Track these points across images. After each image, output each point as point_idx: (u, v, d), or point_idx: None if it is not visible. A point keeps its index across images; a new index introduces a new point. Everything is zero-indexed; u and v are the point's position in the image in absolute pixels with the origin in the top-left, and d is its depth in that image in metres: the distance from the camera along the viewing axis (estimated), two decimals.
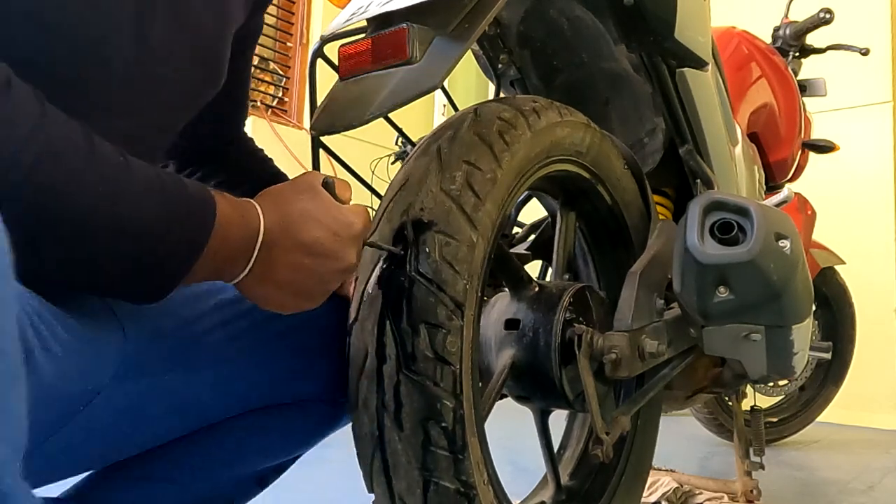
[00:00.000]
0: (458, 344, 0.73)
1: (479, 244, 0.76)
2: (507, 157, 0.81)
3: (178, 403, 0.73)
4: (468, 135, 0.79)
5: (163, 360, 0.70)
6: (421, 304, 0.72)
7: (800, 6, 2.33)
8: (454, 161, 0.77)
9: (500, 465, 0.86)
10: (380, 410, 0.73)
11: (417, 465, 0.72)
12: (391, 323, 0.72)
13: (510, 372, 0.94)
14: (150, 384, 0.69)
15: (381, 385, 0.73)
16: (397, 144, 3.71)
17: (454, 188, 0.76)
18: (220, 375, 0.75)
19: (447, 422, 0.72)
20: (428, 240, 0.73)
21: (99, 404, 0.62)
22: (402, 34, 0.77)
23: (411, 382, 0.71)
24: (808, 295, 1.04)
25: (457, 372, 0.72)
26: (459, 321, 0.73)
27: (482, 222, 0.77)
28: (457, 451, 0.73)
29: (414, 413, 0.72)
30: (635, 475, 1.14)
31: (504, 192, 0.82)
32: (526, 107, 0.87)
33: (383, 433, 0.73)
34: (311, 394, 0.82)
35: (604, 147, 1.05)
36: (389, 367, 0.72)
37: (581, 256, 1.20)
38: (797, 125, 2.07)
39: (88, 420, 0.62)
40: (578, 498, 1.10)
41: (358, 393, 0.75)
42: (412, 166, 0.79)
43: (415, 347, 0.71)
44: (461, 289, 0.73)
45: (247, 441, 0.80)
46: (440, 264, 0.73)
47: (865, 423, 3.02)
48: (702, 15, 1.23)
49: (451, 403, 0.72)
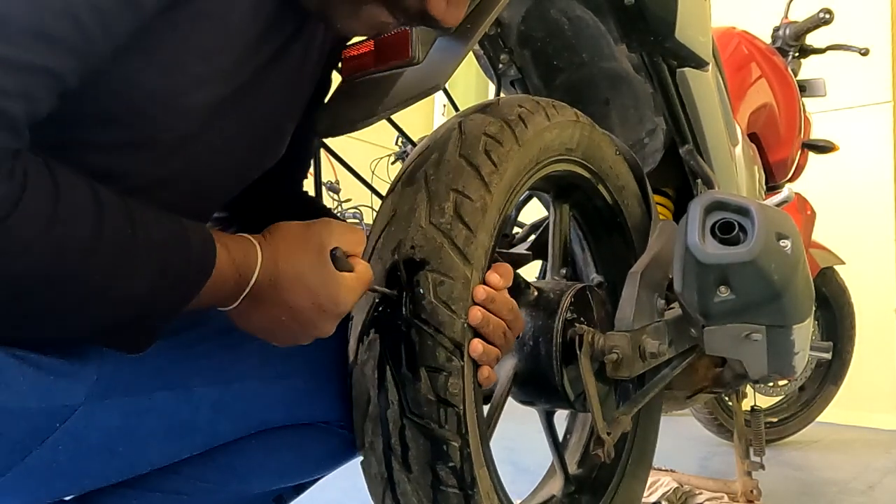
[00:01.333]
0: (461, 384, 0.72)
1: (473, 278, 0.74)
2: (496, 180, 0.79)
3: (176, 423, 0.72)
4: (454, 157, 0.77)
5: (150, 378, 0.69)
6: (420, 349, 0.71)
7: (800, 6, 2.33)
8: (442, 190, 0.75)
9: (500, 465, 0.85)
10: (387, 453, 0.73)
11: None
12: (391, 368, 0.72)
13: (513, 380, 0.94)
14: (138, 403, 0.68)
15: (386, 429, 0.72)
16: (397, 144, 3.71)
17: (444, 221, 0.73)
18: (222, 395, 0.74)
19: (455, 461, 0.72)
20: (422, 280, 0.72)
21: (80, 423, 0.62)
22: (404, 35, 0.77)
23: (416, 426, 0.71)
24: (809, 295, 1.04)
25: (460, 412, 0.72)
26: (460, 362, 0.72)
27: (475, 255, 0.75)
28: (466, 488, 0.73)
29: (421, 455, 0.71)
30: (639, 463, 1.14)
31: (495, 216, 0.80)
32: (511, 116, 0.84)
33: (392, 475, 0.73)
34: (327, 416, 0.81)
35: (594, 137, 1.03)
36: (393, 412, 0.72)
37: (578, 248, 1.20)
38: (797, 125, 2.07)
39: (74, 439, 0.62)
40: (587, 488, 1.10)
41: (364, 435, 0.75)
42: (399, 197, 0.77)
43: (416, 392, 0.71)
44: (459, 329, 0.72)
45: (262, 460, 0.79)
46: (436, 305, 0.71)
47: (865, 423, 3.02)
48: (702, 15, 1.23)
49: (457, 444, 0.72)
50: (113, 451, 0.68)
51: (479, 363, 0.75)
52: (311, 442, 0.82)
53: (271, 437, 0.80)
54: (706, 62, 1.24)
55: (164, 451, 0.73)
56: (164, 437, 0.72)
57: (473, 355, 0.73)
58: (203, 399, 0.73)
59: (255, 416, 0.77)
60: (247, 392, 0.75)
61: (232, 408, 0.75)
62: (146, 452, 0.71)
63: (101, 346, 0.62)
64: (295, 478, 0.84)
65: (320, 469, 0.85)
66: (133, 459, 0.71)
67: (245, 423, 0.77)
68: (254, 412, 0.77)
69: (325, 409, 0.81)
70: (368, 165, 3.45)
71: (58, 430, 0.60)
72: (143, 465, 0.72)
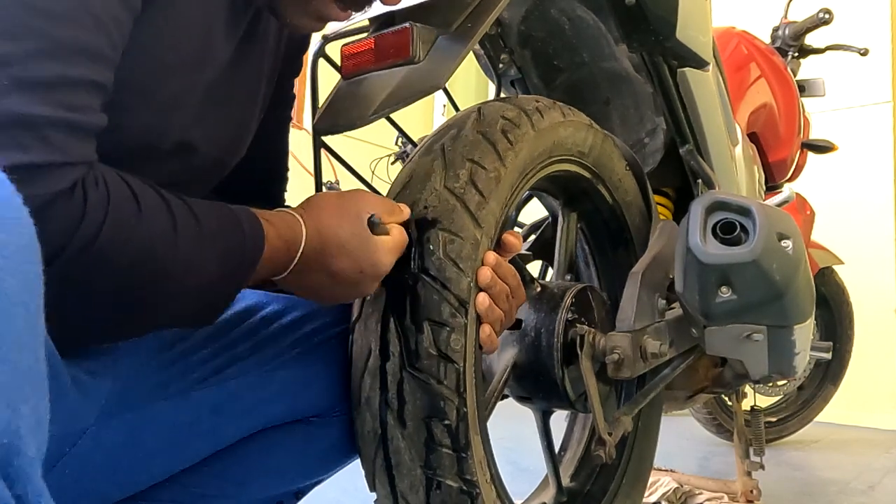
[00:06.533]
0: (462, 342, 0.72)
1: (482, 242, 0.76)
2: (510, 156, 0.81)
3: (178, 431, 0.72)
4: (472, 133, 0.79)
5: (149, 391, 0.70)
6: (425, 302, 0.72)
7: (799, 6, 2.33)
8: (458, 159, 0.77)
9: (501, 465, 0.85)
10: (382, 408, 0.73)
11: (420, 464, 0.72)
12: (395, 320, 0.72)
13: (512, 372, 0.94)
14: (140, 416, 0.69)
15: (385, 383, 0.72)
16: (397, 144, 3.70)
17: (458, 186, 0.75)
18: (220, 396, 0.74)
19: (450, 419, 0.72)
20: (432, 237, 0.73)
21: (87, 444, 0.63)
22: (405, 33, 0.77)
23: (415, 380, 0.71)
24: (810, 295, 1.04)
25: (460, 370, 0.72)
26: (463, 319, 0.73)
27: (486, 220, 0.76)
28: (460, 450, 0.72)
29: (417, 411, 0.71)
30: (636, 476, 1.14)
31: (507, 191, 0.82)
32: (529, 106, 0.87)
33: (386, 431, 0.73)
34: (325, 404, 0.81)
35: (606, 148, 1.05)
36: (393, 364, 0.72)
37: (582, 257, 1.20)
38: (796, 125, 2.07)
39: (79, 461, 0.62)
40: (579, 499, 1.09)
41: (361, 390, 0.75)
42: (416, 164, 0.79)
43: (418, 345, 0.71)
44: (465, 286, 0.73)
45: (259, 463, 0.79)
46: (444, 262, 0.72)
47: (865, 423, 3.02)
48: (703, 15, 1.23)
49: (454, 401, 0.72)
50: (116, 469, 0.68)
51: (482, 319, 0.76)
52: (309, 443, 0.82)
53: (268, 440, 0.80)
54: (707, 62, 1.24)
55: (167, 463, 0.73)
56: (167, 448, 0.72)
57: (480, 308, 0.75)
58: (202, 403, 0.73)
59: (255, 414, 0.77)
60: (244, 390, 0.76)
61: (231, 408, 0.75)
62: (149, 466, 0.71)
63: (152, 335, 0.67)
64: (293, 481, 0.84)
65: (318, 470, 0.85)
66: (135, 474, 0.71)
67: (246, 422, 0.77)
68: (253, 409, 0.77)
69: (322, 397, 0.81)
70: (368, 165, 3.45)
71: (67, 454, 0.61)
72: (145, 479, 0.72)
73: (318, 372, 0.80)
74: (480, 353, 0.78)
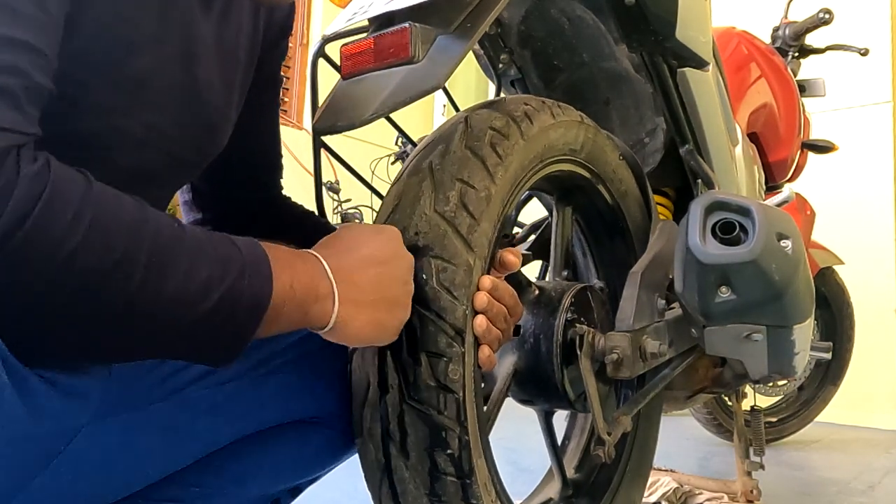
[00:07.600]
0: (460, 371, 0.72)
1: (476, 266, 0.74)
2: (500, 172, 0.79)
3: (174, 432, 0.72)
4: (460, 149, 0.77)
5: (146, 392, 0.69)
6: (421, 334, 0.71)
7: (799, 6, 2.33)
8: (447, 180, 0.75)
9: (501, 465, 0.85)
10: (385, 439, 0.72)
11: (426, 492, 0.72)
12: (391, 353, 0.71)
13: (513, 377, 0.94)
14: (136, 418, 0.68)
15: (385, 415, 0.72)
16: (397, 144, 3.71)
17: (448, 210, 0.74)
18: (217, 397, 0.74)
19: (453, 449, 0.71)
20: (424, 266, 0.72)
21: (82, 443, 0.62)
22: (404, 33, 0.76)
23: (415, 412, 0.71)
24: (810, 295, 1.04)
25: (460, 399, 0.71)
26: (460, 348, 0.72)
27: (478, 243, 0.75)
28: (464, 476, 0.72)
29: (419, 441, 0.71)
30: (639, 466, 1.14)
31: (499, 207, 0.80)
32: (517, 112, 0.85)
33: (390, 461, 0.73)
34: (321, 410, 0.81)
35: (598, 141, 1.03)
36: (392, 396, 0.71)
37: (580, 251, 1.20)
38: (796, 125, 2.07)
39: (75, 460, 0.62)
40: (585, 491, 1.10)
41: (362, 422, 0.75)
42: (404, 185, 0.77)
43: (417, 377, 0.70)
44: (461, 315, 0.72)
45: (258, 461, 0.79)
46: (438, 291, 0.71)
47: (865, 423, 3.02)
48: (703, 15, 1.23)
49: (456, 431, 0.71)
50: (112, 469, 0.67)
51: (480, 341, 0.75)
52: (305, 440, 0.82)
53: (266, 438, 0.80)
54: (706, 62, 1.24)
55: (162, 463, 0.73)
56: (163, 449, 0.72)
57: (477, 331, 0.74)
58: (199, 404, 0.73)
59: (251, 415, 0.77)
60: (241, 391, 0.75)
61: (228, 409, 0.75)
62: (144, 466, 0.71)
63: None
64: (292, 478, 0.84)
65: (316, 468, 0.85)
66: (131, 475, 0.70)
67: (242, 423, 0.77)
68: (249, 411, 0.77)
69: (319, 402, 0.80)
70: (368, 165, 3.45)
71: (62, 452, 0.60)
72: (140, 479, 0.72)
73: (313, 377, 0.79)
74: (480, 372, 0.78)
